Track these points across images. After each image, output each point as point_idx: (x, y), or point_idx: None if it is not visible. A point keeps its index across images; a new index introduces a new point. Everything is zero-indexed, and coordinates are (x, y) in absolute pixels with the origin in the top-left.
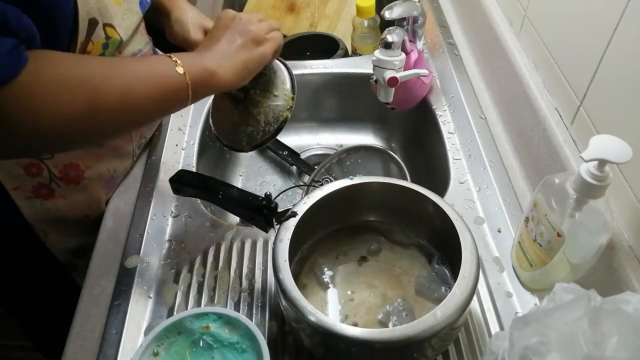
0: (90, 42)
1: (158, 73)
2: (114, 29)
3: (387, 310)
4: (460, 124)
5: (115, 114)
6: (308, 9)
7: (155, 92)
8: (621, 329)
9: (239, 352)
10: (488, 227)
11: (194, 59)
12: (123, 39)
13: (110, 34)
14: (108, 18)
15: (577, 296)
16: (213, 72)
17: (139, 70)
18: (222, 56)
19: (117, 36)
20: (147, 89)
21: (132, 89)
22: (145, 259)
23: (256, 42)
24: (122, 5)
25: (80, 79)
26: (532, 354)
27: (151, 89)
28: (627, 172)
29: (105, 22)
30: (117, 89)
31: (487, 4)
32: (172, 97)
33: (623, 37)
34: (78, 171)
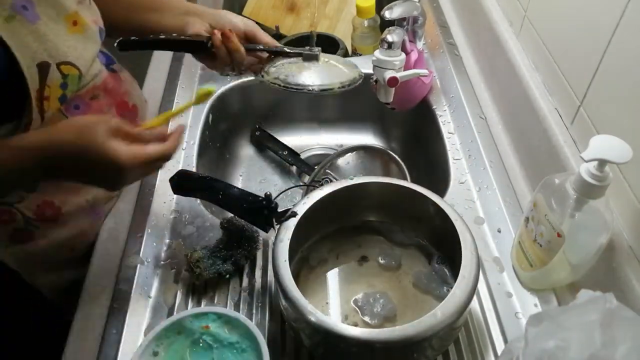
0: (47, 86)
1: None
2: (71, 64)
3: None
4: (460, 124)
5: None
6: (308, 9)
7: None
8: (636, 337)
9: (238, 352)
10: (488, 227)
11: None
12: (83, 72)
13: (67, 72)
14: (61, 56)
15: (593, 298)
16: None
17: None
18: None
19: (75, 71)
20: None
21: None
22: (145, 259)
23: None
24: (82, 34)
25: None
26: (549, 357)
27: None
28: (627, 172)
29: (59, 62)
30: None
31: (487, 4)
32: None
33: (623, 37)
34: (53, 208)
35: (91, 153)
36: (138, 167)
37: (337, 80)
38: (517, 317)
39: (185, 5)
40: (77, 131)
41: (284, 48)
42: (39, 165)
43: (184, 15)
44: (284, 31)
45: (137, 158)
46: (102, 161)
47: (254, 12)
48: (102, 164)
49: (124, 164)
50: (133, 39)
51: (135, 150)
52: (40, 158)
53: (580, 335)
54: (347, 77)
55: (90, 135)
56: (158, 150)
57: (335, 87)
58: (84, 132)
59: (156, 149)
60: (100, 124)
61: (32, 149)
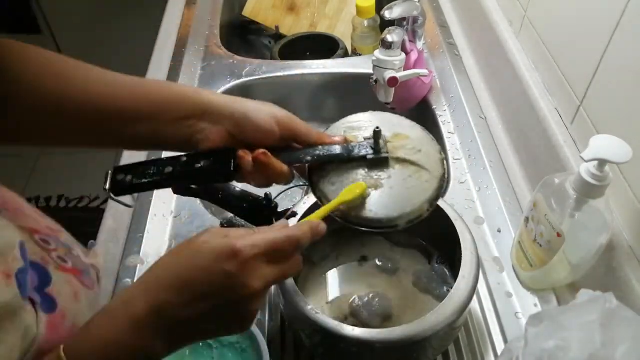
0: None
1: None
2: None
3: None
4: (460, 124)
5: None
6: (308, 9)
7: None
8: (636, 337)
9: (238, 351)
10: (488, 227)
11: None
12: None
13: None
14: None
15: (593, 298)
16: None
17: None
18: (173, 335)
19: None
20: None
21: None
22: (145, 259)
23: (241, 319)
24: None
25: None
26: (549, 357)
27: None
28: (627, 172)
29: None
30: None
31: (487, 4)
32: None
33: (623, 37)
34: None
35: (196, 262)
36: (261, 256)
37: (424, 198)
38: (517, 317)
39: (188, 101)
40: (172, 256)
41: (339, 153)
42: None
43: (190, 120)
44: (284, 31)
45: (255, 241)
46: (213, 261)
47: (254, 12)
48: (215, 264)
49: (240, 250)
50: (130, 182)
51: (253, 238)
52: (152, 313)
53: (580, 335)
54: (432, 186)
55: (187, 249)
56: (282, 233)
57: (424, 211)
58: (179, 254)
59: (280, 233)
60: (198, 235)
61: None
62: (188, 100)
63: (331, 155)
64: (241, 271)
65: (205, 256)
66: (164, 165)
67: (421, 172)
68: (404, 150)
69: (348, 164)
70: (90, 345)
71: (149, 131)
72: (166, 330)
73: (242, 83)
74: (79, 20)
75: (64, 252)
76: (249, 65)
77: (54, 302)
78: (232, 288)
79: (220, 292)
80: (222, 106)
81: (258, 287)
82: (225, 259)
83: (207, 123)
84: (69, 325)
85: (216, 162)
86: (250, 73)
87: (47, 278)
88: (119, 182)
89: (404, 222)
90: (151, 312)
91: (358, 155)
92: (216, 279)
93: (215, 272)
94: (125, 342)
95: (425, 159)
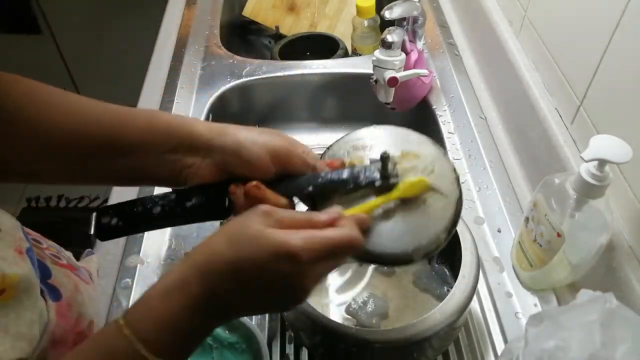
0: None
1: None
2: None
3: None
4: (460, 124)
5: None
6: (308, 9)
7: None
8: (636, 337)
9: (238, 352)
10: (488, 227)
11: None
12: (29, 357)
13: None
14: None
15: (593, 298)
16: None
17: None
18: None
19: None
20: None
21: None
22: (145, 259)
23: (286, 308)
24: (14, 297)
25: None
26: (549, 357)
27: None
28: (627, 172)
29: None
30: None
31: (487, 4)
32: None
33: (623, 37)
34: None
35: (252, 255)
36: (318, 259)
37: (440, 227)
38: (517, 317)
39: (174, 133)
40: (226, 241)
41: (344, 180)
42: (205, 315)
43: (177, 154)
44: (284, 31)
45: (313, 244)
46: (269, 259)
47: (254, 12)
48: (271, 262)
49: (298, 253)
50: (115, 225)
51: (307, 235)
52: (199, 307)
53: (580, 335)
54: (448, 212)
55: (242, 235)
56: (340, 234)
57: (441, 242)
58: (233, 239)
59: (338, 233)
60: (250, 217)
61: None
62: (175, 132)
63: (335, 182)
64: (297, 274)
65: (262, 252)
66: (153, 204)
67: (435, 196)
68: (415, 172)
69: (354, 192)
70: (151, 317)
71: (136, 164)
72: (221, 312)
73: (242, 83)
74: (79, 20)
75: (55, 251)
76: (249, 65)
77: (59, 291)
78: (287, 287)
79: (274, 288)
80: (211, 139)
81: (312, 286)
82: (282, 260)
83: (196, 157)
84: (75, 315)
85: (208, 199)
86: (250, 73)
87: (47, 270)
88: (104, 226)
89: (420, 256)
90: (206, 295)
91: (365, 183)
92: (271, 277)
93: (271, 270)
94: (182, 321)
95: (439, 181)
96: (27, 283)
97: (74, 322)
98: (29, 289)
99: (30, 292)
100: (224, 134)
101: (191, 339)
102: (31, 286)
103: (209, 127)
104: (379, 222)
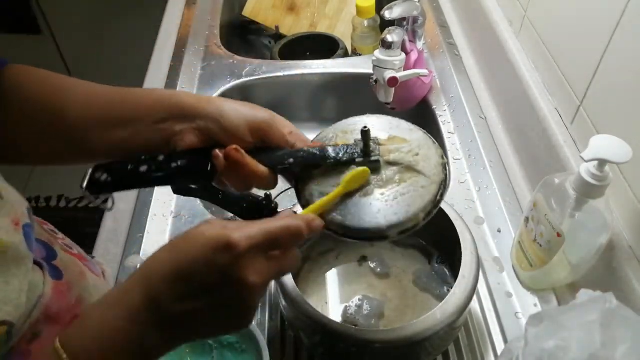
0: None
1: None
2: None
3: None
4: (460, 124)
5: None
6: (308, 9)
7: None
8: (636, 337)
9: (238, 352)
10: (488, 227)
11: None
12: (15, 322)
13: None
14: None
15: (593, 298)
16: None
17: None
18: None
19: (2, 328)
20: None
21: None
22: (145, 259)
23: (238, 316)
24: (1, 263)
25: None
26: (549, 357)
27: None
28: (627, 172)
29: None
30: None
31: (487, 4)
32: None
33: (623, 37)
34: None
35: (191, 252)
36: (259, 248)
37: (419, 206)
38: (517, 317)
39: (164, 104)
40: (168, 247)
41: (325, 156)
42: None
43: (167, 122)
44: (284, 31)
45: (251, 232)
46: (207, 253)
47: (254, 12)
48: (209, 255)
49: (235, 242)
50: (105, 180)
51: (245, 225)
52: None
53: (580, 335)
54: (429, 193)
55: (182, 239)
56: (280, 223)
57: (419, 220)
58: (174, 244)
59: (278, 222)
60: (197, 227)
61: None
62: (165, 103)
63: (316, 156)
64: (236, 265)
65: (200, 248)
66: (140, 163)
67: (418, 178)
68: (399, 153)
69: (336, 169)
70: (86, 334)
71: (128, 136)
72: (162, 323)
73: (242, 83)
74: (79, 20)
75: (69, 242)
76: (249, 65)
77: (60, 272)
78: (228, 283)
79: (215, 287)
80: (198, 107)
81: (255, 282)
82: (220, 252)
83: (183, 124)
84: (74, 296)
85: (192, 161)
86: (250, 73)
87: (53, 253)
88: (95, 181)
89: (395, 233)
90: (147, 302)
91: (346, 159)
92: (211, 273)
93: (210, 265)
94: (121, 332)
95: (423, 163)
96: (16, 253)
97: (73, 304)
98: (18, 259)
99: (19, 263)
100: (210, 102)
101: (130, 356)
102: (21, 258)
103: (197, 97)
104: (358, 198)
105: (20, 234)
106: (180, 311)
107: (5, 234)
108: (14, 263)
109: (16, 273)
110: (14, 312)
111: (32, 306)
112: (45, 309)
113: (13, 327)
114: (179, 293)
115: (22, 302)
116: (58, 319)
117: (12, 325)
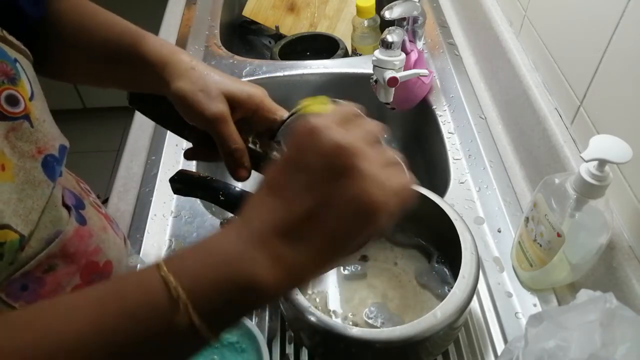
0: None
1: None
2: (9, 228)
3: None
4: (460, 124)
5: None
6: (308, 9)
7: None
8: (636, 337)
9: (238, 351)
10: (488, 227)
11: (210, 258)
12: (25, 235)
13: (1, 239)
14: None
15: (593, 298)
16: (250, 282)
17: (108, 310)
18: (288, 251)
19: (14, 235)
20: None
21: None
22: (145, 259)
23: (367, 214)
24: (12, 182)
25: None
26: (549, 357)
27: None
28: (627, 172)
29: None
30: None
31: (487, 4)
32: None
33: (623, 37)
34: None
35: (300, 149)
36: (367, 147)
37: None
38: (517, 317)
39: (164, 57)
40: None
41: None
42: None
43: (163, 72)
44: (284, 31)
45: (326, 117)
46: (291, 151)
47: (254, 12)
48: (296, 148)
49: (317, 125)
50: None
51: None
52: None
53: (580, 335)
54: None
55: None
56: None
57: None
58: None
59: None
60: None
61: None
62: (165, 57)
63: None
64: (323, 134)
65: (285, 155)
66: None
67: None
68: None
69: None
70: (190, 256)
71: (136, 74)
72: (270, 241)
73: None
74: None
75: (100, 203)
76: (249, 65)
77: (85, 220)
78: (326, 154)
79: (317, 165)
80: (186, 62)
81: (346, 140)
82: (306, 136)
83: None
84: (93, 245)
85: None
86: (250, 73)
87: (82, 204)
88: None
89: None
90: (245, 217)
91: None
92: (304, 156)
93: (301, 149)
94: (219, 253)
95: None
96: (29, 176)
97: (91, 250)
98: (34, 183)
99: (35, 186)
100: (196, 68)
101: (232, 288)
102: (37, 182)
103: (190, 58)
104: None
105: (37, 162)
106: (298, 209)
107: (21, 158)
108: (28, 185)
109: (31, 194)
110: (22, 225)
111: (52, 236)
112: (64, 246)
113: (24, 240)
114: (282, 198)
115: (34, 219)
116: (74, 259)
117: (22, 237)
